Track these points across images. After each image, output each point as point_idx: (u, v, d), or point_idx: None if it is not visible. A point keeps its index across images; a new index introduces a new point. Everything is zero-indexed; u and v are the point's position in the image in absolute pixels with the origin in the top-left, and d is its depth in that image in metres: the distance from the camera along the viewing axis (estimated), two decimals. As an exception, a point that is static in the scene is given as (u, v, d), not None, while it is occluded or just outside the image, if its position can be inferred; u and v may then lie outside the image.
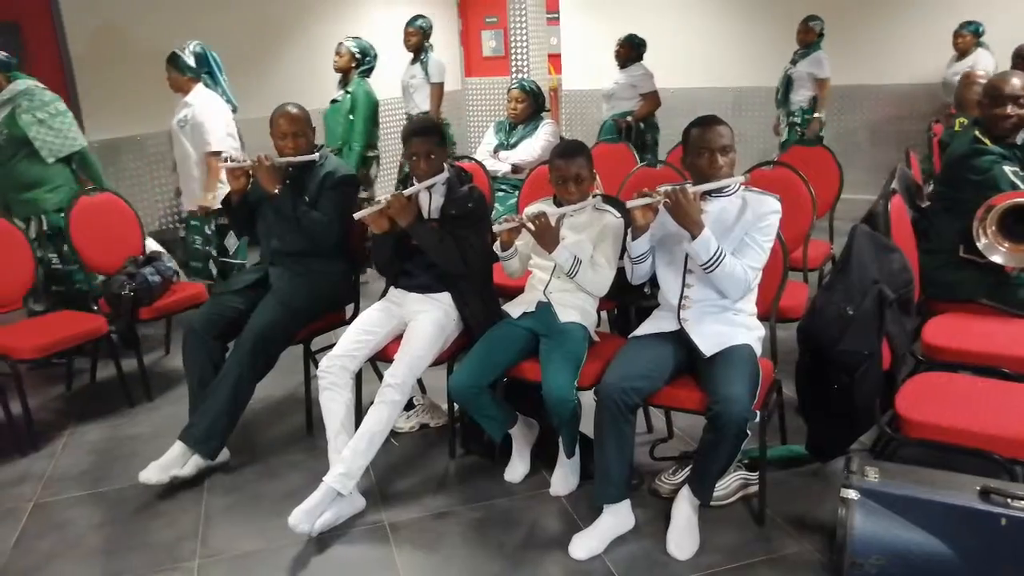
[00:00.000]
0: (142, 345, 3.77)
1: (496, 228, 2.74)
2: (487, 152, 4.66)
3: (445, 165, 2.90)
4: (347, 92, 5.07)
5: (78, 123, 5.27)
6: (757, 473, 2.63)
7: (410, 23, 5.63)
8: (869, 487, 1.96)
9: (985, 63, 5.73)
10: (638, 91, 5.92)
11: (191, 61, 4.26)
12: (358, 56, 5.12)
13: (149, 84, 5.75)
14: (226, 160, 3.15)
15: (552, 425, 2.79)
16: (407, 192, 2.83)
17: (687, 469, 2.66)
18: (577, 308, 2.76)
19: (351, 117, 5.03)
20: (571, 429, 2.64)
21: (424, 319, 2.86)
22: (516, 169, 4.51)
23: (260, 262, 3.31)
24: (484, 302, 2.96)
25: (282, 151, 3.13)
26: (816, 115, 5.86)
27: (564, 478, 2.76)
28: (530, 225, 2.64)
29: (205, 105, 4.22)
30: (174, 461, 2.88)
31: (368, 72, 5.21)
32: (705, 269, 2.42)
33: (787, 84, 6.02)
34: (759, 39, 7.30)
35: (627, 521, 2.49)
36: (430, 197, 2.93)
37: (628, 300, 2.95)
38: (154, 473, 2.83)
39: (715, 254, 2.38)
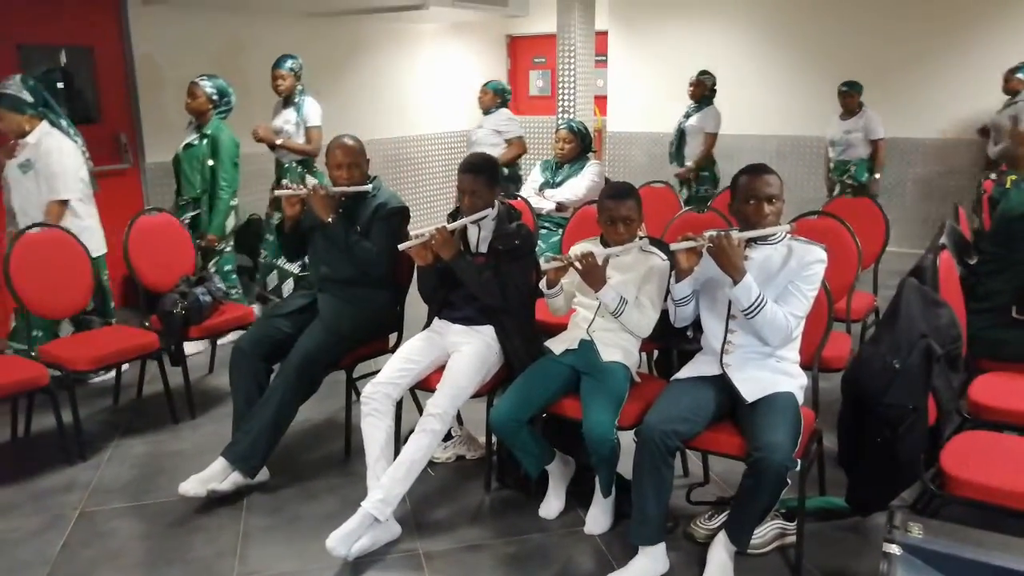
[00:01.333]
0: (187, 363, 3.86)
1: (544, 266, 2.78)
2: (532, 190, 4.73)
3: (496, 201, 2.97)
4: (204, 135, 4.60)
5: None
6: (794, 523, 2.61)
7: (278, 65, 5.01)
8: (913, 543, 1.93)
9: None
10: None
11: (26, 96, 3.79)
12: (215, 97, 4.63)
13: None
14: (283, 187, 3.25)
15: (589, 463, 2.81)
16: (451, 227, 2.89)
17: (723, 515, 2.65)
18: (620, 348, 2.78)
19: (211, 163, 4.57)
20: (609, 468, 2.65)
21: (467, 351, 2.90)
22: (560, 207, 4.57)
23: (309, 287, 3.38)
24: (526, 337, 3.00)
25: (336, 180, 3.22)
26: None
27: (599, 517, 2.76)
28: (578, 264, 2.68)
29: (53, 147, 3.80)
30: (214, 476, 2.94)
31: (226, 114, 4.74)
32: (746, 315, 2.43)
33: (680, 137, 6.19)
34: (803, 89, 7.33)
35: (662, 564, 2.48)
36: (479, 231, 2.99)
37: (671, 343, 2.96)
38: (193, 485, 2.89)
39: (756, 300, 2.40)
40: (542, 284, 2.87)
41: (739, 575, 2.45)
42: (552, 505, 2.88)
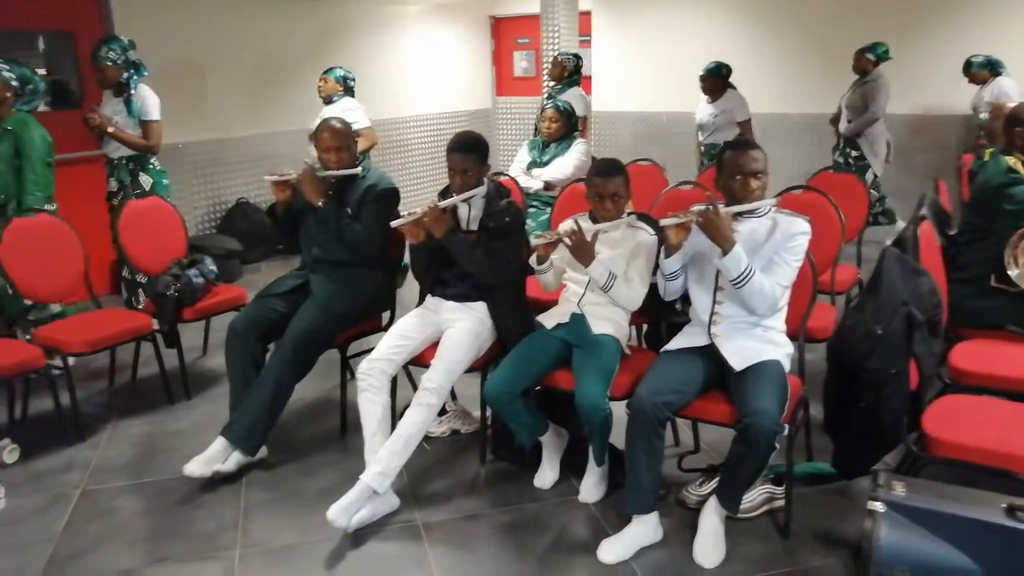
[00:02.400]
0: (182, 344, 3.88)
1: (534, 242, 2.83)
2: (520, 169, 4.76)
3: (485, 179, 3.01)
4: (5, 131, 3.84)
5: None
6: (783, 488, 2.69)
7: (98, 57, 4.45)
8: (896, 500, 2.02)
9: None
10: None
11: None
12: (14, 83, 3.89)
13: (189, 94, 5.96)
14: (271, 174, 3.27)
15: (582, 434, 2.87)
16: (442, 204, 2.93)
17: (714, 481, 2.73)
18: (610, 321, 2.84)
19: (16, 162, 3.84)
20: (602, 438, 2.71)
21: (460, 327, 2.95)
22: (548, 186, 4.61)
23: (301, 268, 3.42)
24: (517, 312, 3.05)
25: (326, 164, 3.25)
26: None
27: (593, 486, 2.83)
28: (567, 240, 2.73)
29: None
30: (216, 456, 2.98)
31: (31, 105, 4.10)
32: (735, 285, 2.49)
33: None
34: (787, 66, 7.39)
35: (655, 532, 2.56)
36: (469, 209, 3.03)
37: (660, 316, 3.03)
38: (197, 466, 2.93)
39: (745, 270, 2.46)
40: (532, 260, 2.92)
41: (730, 538, 2.52)
42: (546, 475, 2.95)
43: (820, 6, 7.14)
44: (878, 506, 2.04)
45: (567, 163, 4.61)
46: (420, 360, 3.01)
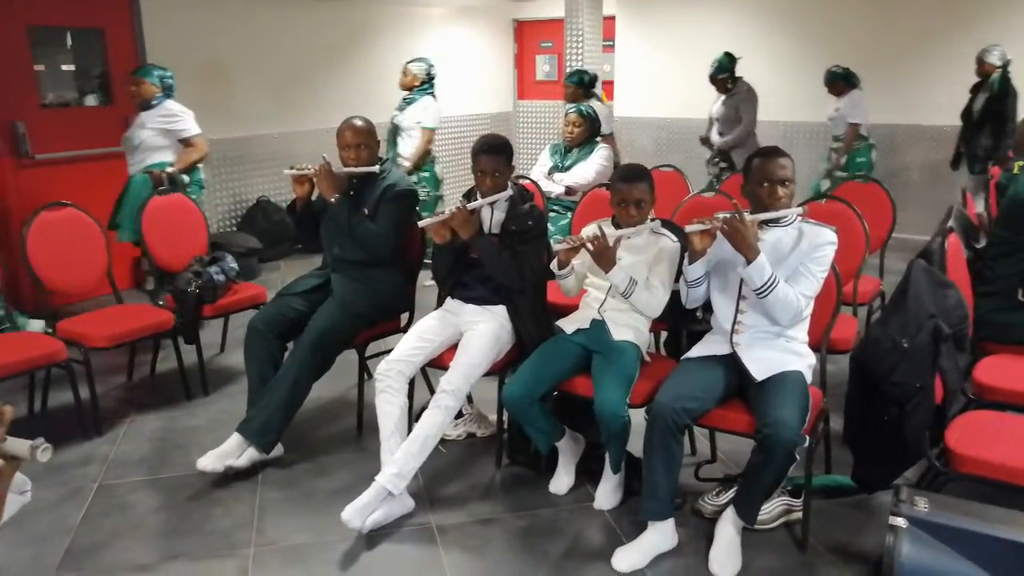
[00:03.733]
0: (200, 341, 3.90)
1: (556, 247, 2.82)
2: (541, 173, 4.76)
3: (509, 183, 3.00)
4: None
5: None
6: (800, 500, 2.66)
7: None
8: (919, 516, 1.98)
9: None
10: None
11: None
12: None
13: (214, 92, 6.01)
14: (291, 168, 3.28)
15: (598, 441, 2.85)
16: (471, 206, 2.92)
17: (731, 491, 2.70)
18: (631, 327, 2.82)
19: None
20: (619, 445, 2.69)
21: (480, 330, 2.94)
22: (569, 191, 4.61)
23: (323, 268, 3.42)
24: (537, 317, 3.04)
25: (346, 161, 3.25)
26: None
27: (609, 493, 2.81)
28: (589, 245, 2.71)
29: None
30: (231, 451, 2.99)
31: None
32: (758, 294, 2.47)
33: (394, 133, 5.65)
34: (811, 74, 7.29)
35: (671, 540, 2.53)
36: (491, 212, 3.02)
37: (680, 323, 3.00)
38: (211, 461, 2.94)
39: (769, 279, 2.43)
40: (553, 265, 2.91)
41: (746, 550, 2.50)
42: (562, 481, 2.93)
43: (844, 11, 7.08)
44: (900, 522, 2.00)
45: (589, 168, 4.60)
46: (438, 362, 3.01)
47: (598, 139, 4.78)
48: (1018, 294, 2.96)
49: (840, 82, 6.14)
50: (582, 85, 5.60)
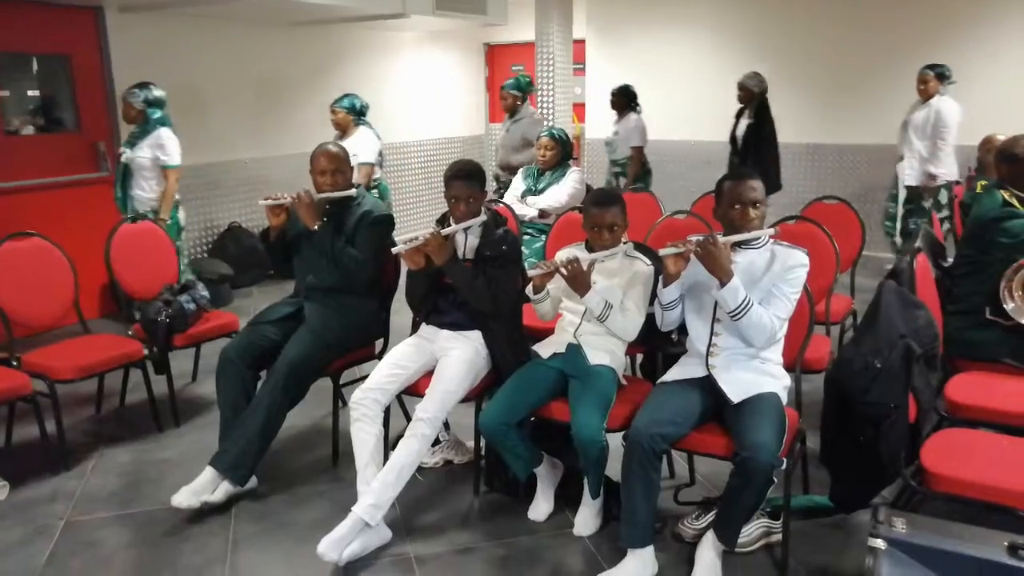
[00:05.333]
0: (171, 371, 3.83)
1: (530, 272, 2.81)
2: (515, 197, 4.77)
3: (482, 208, 3.00)
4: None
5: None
6: (780, 521, 2.66)
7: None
8: (897, 537, 1.99)
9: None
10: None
11: None
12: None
13: (185, 119, 5.95)
14: (267, 197, 3.25)
15: (576, 466, 2.84)
16: (444, 231, 2.92)
17: (710, 514, 2.70)
18: (607, 351, 2.82)
19: None
20: (597, 470, 2.68)
21: (455, 356, 2.92)
22: (543, 214, 4.62)
23: (295, 295, 3.39)
24: (513, 342, 3.03)
25: (320, 187, 3.23)
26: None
27: (588, 519, 2.79)
28: (563, 270, 2.72)
29: None
30: (205, 486, 2.93)
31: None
32: (732, 317, 2.48)
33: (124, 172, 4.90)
34: (781, 95, 7.44)
35: (651, 567, 2.51)
36: (466, 237, 3.02)
37: (656, 346, 3.01)
38: (185, 497, 2.88)
39: (743, 302, 2.45)
40: (528, 289, 2.91)
41: (726, 572, 2.49)
42: (541, 507, 2.91)
43: (810, 35, 7.22)
44: (879, 543, 2.00)
45: (562, 191, 4.62)
46: (414, 390, 2.98)
47: (570, 162, 4.81)
48: (986, 312, 3.01)
49: (621, 100, 6.15)
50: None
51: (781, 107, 7.35)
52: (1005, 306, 2.87)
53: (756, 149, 5.75)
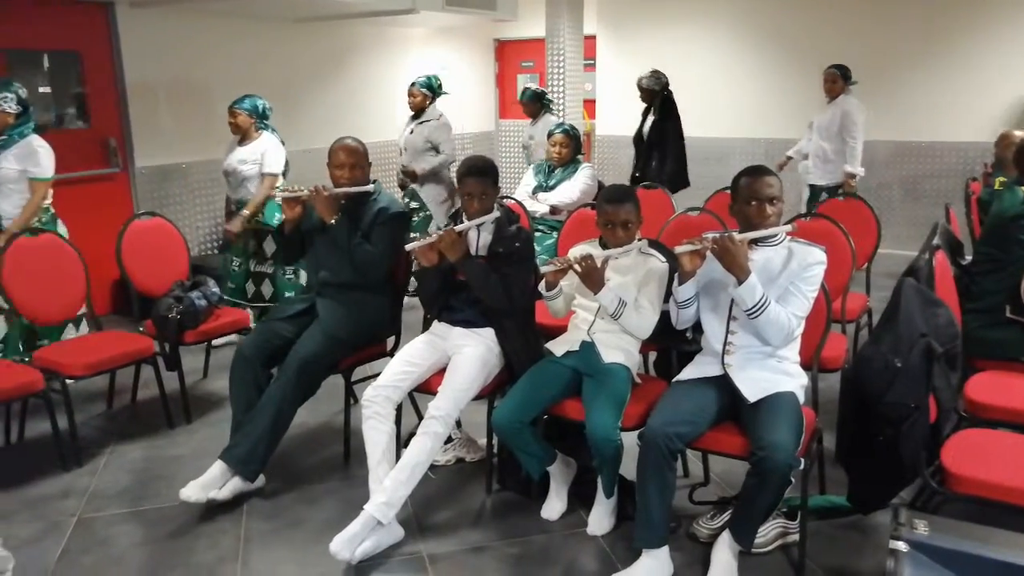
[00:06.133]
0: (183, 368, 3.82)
1: (543, 268, 2.79)
2: (526, 193, 4.74)
3: (495, 205, 2.97)
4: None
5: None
6: (796, 522, 2.63)
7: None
8: (919, 540, 1.95)
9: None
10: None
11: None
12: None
13: (195, 115, 5.95)
14: (284, 190, 3.23)
15: (590, 464, 2.82)
16: (459, 228, 2.89)
17: (726, 514, 2.67)
18: (621, 349, 2.80)
19: None
20: (612, 469, 2.66)
21: (468, 353, 2.90)
22: (554, 210, 4.59)
23: (307, 291, 3.37)
24: (526, 339, 3.01)
25: (337, 181, 3.21)
26: None
27: (602, 518, 2.77)
28: (577, 267, 2.69)
29: None
30: (214, 481, 2.92)
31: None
32: (750, 315, 2.45)
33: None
34: (790, 92, 7.40)
35: (666, 567, 2.49)
36: (478, 234, 2.99)
37: (670, 344, 2.98)
38: (194, 491, 2.86)
39: (760, 300, 2.42)
40: (541, 286, 2.88)
41: (742, 574, 2.46)
42: (554, 506, 2.88)
43: (824, 29, 7.16)
44: (901, 546, 1.97)
45: (574, 188, 4.60)
46: (426, 387, 2.96)
47: (580, 157, 4.78)
48: (1005, 310, 2.97)
49: (535, 103, 5.76)
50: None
51: (798, 104, 7.33)
52: (1026, 304, 2.82)
53: (659, 145, 5.56)
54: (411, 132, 5.50)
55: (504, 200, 3.79)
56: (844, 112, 5.61)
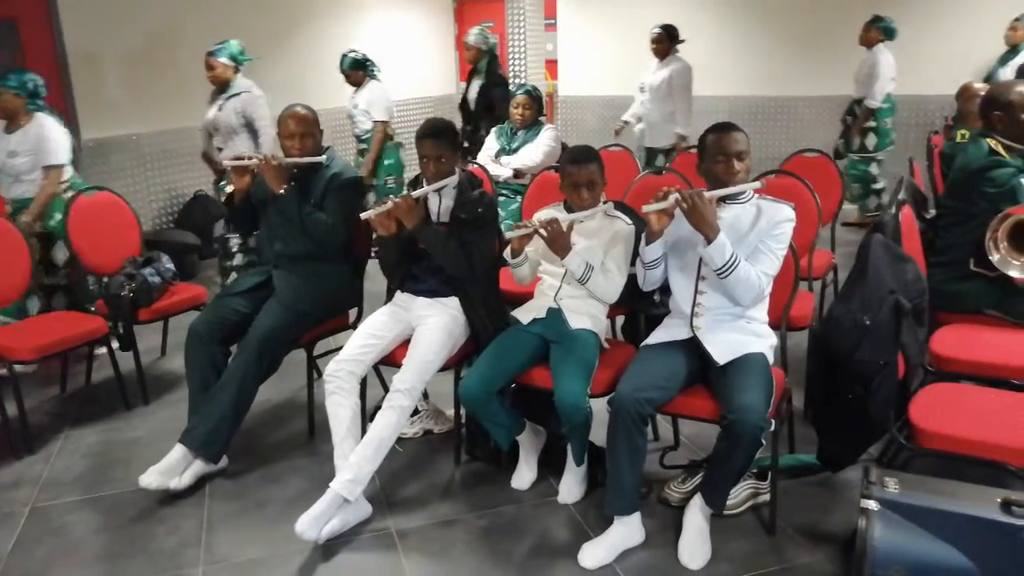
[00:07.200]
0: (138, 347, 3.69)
1: (508, 234, 2.72)
2: (488, 157, 4.64)
3: (456, 168, 2.88)
4: None
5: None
6: (767, 482, 2.63)
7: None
8: (889, 498, 1.95)
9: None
10: None
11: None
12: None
13: (144, 83, 5.72)
14: (233, 158, 3.11)
15: (559, 432, 2.78)
16: (415, 194, 2.80)
17: (697, 477, 2.66)
18: (588, 314, 2.74)
19: None
20: (581, 437, 2.62)
21: (432, 324, 2.83)
22: (518, 174, 4.50)
23: (263, 264, 3.26)
24: (491, 307, 2.94)
25: (288, 151, 3.09)
26: None
27: (573, 486, 2.74)
28: (543, 231, 2.62)
29: None
30: (174, 465, 2.82)
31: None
32: (719, 274, 2.40)
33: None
34: (756, 49, 7.34)
35: (638, 533, 2.47)
36: (440, 200, 2.90)
37: (638, 307, 2.93)
38: (154, 478, 2.77)
39: (730, 259, 2.36)
40: (506, 253, 2.81)
41: (714, 536, 2.45)
42: (524, 476, 2.85)
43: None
44: (871, 504, 1.96)
45: (536, 150, 4.50)
46: (391, 359, 2.88)
47: (542, 118, 4.68)
48: (970, 263, 2.96)
49: (357, 71, 5.50)
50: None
51: (759, 62, 7.27)
52: (991, 257, 2.82)
53: (488, 112, 5.34)
54: (219, 109, 4.62)
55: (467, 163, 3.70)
56: (673, 73, 5.52)
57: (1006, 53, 5.97)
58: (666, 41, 5.61)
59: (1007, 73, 5.77)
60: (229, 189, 3.97)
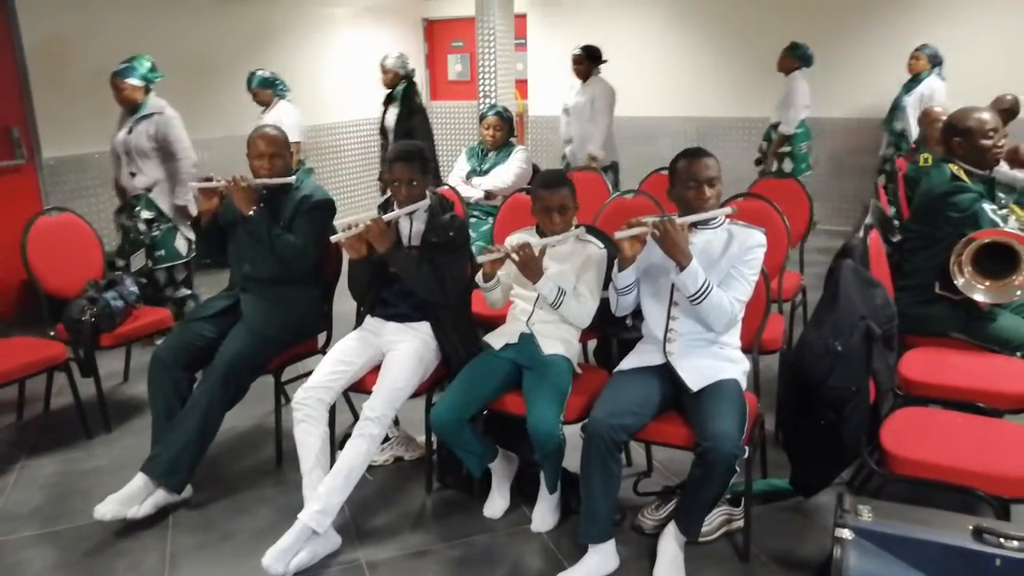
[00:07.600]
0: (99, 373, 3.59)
1: (480, 258, 2.69)
2: (459, 178, 4.62)
3: (428, 192, 2.85)
4: None
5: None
6: (740, 508, 2.62)
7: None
8: (864, 527, 1.94)
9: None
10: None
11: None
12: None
13: (107, 101, 5.60)
14: (201, 180, 3.05)
15: (532, 459, 2.74)
16: (386, 217, 2.77)
17: (670, 504, 2.64)
18: (561, 340, 2.72)
19: None
20: (555, 464, 2.59)
21: (403, 349, 2.79)
22: (489, 195, 4.49)
23: (230, 288, 3.20)
24: (463, 332, 2.91)
25: (257, 172, 3.04)
26: None
27: (546, 514, 2.70)
28: (515, 256, 2.60)
29: None
30: (134, 495, 2.74)
31: None
32: (692, 301, 2.40)
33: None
34: (723, 70, 7.44)
35: (612, 561, 2.44)
36: (411, 223, 2.88)
37: (610, 331, 2.92)
38: (111, 508, 2.67)
39: (703, 285, 2.37)
40: (478, 277, 2.78)
41: (688, 563, 2.43)
42: (496, 504, 2.81)
43: (754, 8, 7.20)
44: (845, 533, 1.96)
45: (508, 172, 4.49)
46: (360, 386, 2.84)
47: (512, 140, 4.68)
48: (935, 287, 3.00)
49: (266, 89, 5.34)
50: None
51: (731, 83, 7.36)
52: (955, 281, 2.85)
53: (409, 140, 5.15)
54: (129, 132, 4.44)
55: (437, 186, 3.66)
56: (596, 94, 5.58)
57: (909, 81, 6.12)
58: (586, 62, 5.64)
59: (910, 101, 5.94)
60: (147, 215, 4.21)
